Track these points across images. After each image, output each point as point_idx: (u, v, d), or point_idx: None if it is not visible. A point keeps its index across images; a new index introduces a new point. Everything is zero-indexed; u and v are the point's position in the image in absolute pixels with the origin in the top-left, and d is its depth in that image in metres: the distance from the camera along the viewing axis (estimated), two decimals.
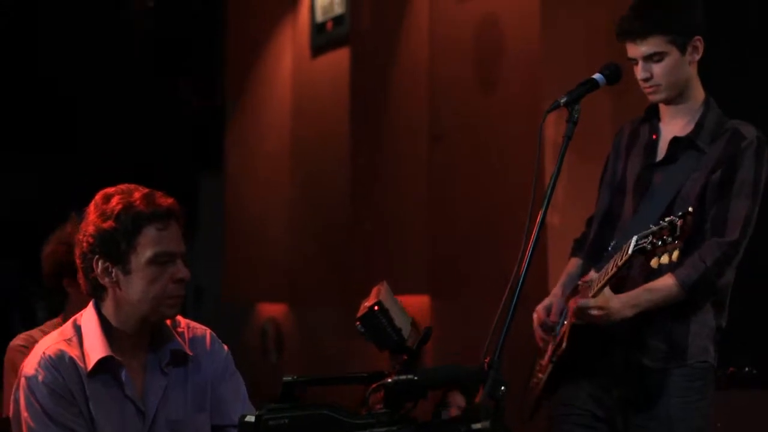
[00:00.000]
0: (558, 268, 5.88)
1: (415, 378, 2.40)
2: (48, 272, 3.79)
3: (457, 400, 6.15)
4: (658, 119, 3.66)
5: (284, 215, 9.48)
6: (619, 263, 3.24)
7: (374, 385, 2.44)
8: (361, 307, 2.45)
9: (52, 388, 2.68)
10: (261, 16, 9.68)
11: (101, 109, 10.34)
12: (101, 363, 2.74)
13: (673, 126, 3.61)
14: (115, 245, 2.74)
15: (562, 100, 3.22)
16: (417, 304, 7.68)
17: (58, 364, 2.72)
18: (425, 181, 7.51)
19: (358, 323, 2.46)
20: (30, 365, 2.74)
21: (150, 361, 2.83)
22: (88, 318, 2.80)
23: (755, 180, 3.46)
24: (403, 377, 2.39)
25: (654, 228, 3.08)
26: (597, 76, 3.31)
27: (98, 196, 2.83)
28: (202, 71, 10.43)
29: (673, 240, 3.02)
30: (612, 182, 3.71)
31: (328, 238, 8.78)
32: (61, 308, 3.84)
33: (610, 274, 3.31)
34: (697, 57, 3.55)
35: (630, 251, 3.15)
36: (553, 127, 6.03)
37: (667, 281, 3.38)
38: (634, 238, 3.16)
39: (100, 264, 2.75)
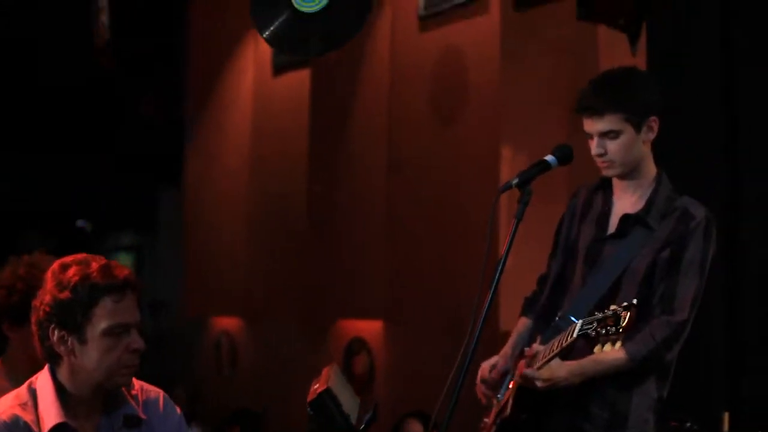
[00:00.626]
0: (509, 306, 5.95)
1: None
2: None
3: (414, 428, 6.19)
4: (612, 191, 3.72)
5: (242, 230, 9.52)
6: (564, 344, 3.31)
7: None
8: (311, 391, 2.52)
9: None
10: (223, 33, 9.68)
11: (63, 121, 10.34)
12: (55, 428, 2.79)
13: (625, 200, 3.67)
14: (71, 315, 2.77)
15: (513, 182, 3.28)
16: (371, 328, 7.76)
17: (12, 428, 2.77)
18: (383, 207, 7.58)
19: (308, 407, 2.53)
20: None
21: (103, 425, 2.89)
22: (43, 383, 2.85)
23: (702, 260, 3.52)
24: None
25: (599, 315, 3.14)
26: (549, 157, 3.40)
27: (56, 265, 2.85)
28: (164, 86, 10.39)
29: (617, 331, 3.10)
30: (565, 246, 3.78)
31: (285, 254, 8.84)
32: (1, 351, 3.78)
33: (555, 352, 3.38)
34: (652, 136, 3.60)
35: (575, 335, 3.22)
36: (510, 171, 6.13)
37: (617, 354, 3.40)
38: (580, 322, 3.22)
39: (56, 333, 2.79)
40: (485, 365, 3.80)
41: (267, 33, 3.28)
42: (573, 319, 3.40)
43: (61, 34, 9.60)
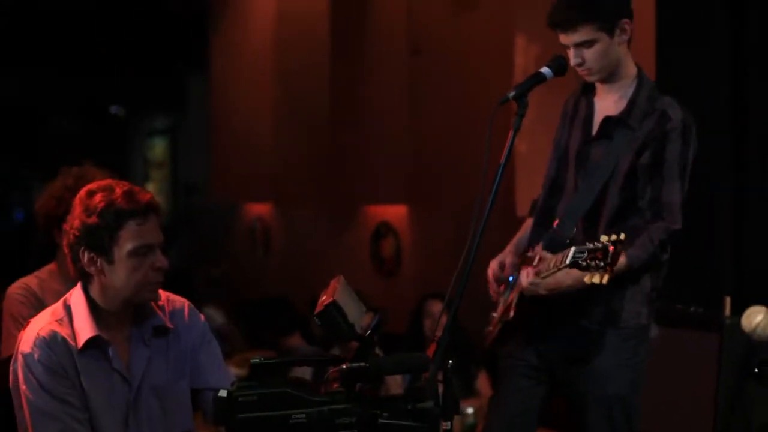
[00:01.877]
0: (525, 192, 6.14)
1: (367, 366, 2.66)
2: (40, 225, 3.91)
3: (434, 308, 6.31)
4: (594, 93, 3.80)
5: (268, 117, 9.69)
6: (559, 266, 3.45)
7: (332, 371, 2.71)
8: (318, 303, 2.70)
9: (47, 365, 2.93)
10: None
11: (92, 17, 10.43)
12: (90, 341, 3.01)
13: (607, 101, 3.75)
14: (99, 239, 2.95)
15: (510, 94, 3.31)
16: (397, 212, 7.97)
17: (51, 343, 2.96)
18: (404, 91, 7.71)
19: (316, 318, 2.71)
20: (26, 343, 2.99)
21: (134, 335, 3.10)
22: (76, 299, 3.05)
23: (682, 162, 3.60)
24: (355, 365, 2.66)
25: (590, 246, 3.20)
26: (544, 69, 3.44)
27: (82, 193, 3.02)
28: None
29: (605, 266, 3.18)
30: (558, 151, 3.88)
31: (311, 143, 9.03)
32: (51, 256, 3.99)
33: (551, 270, 3.50)
34: (626, 38, 3.66)
35: (568, 261, 3.35)
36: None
37: (620, 262, 3.39)
38: (573, 250, 3.29)
39: (86, 254, 2.97)
40: (494, 263, 3.94)
41: None
42: (567, 226, 3.59)
43: None
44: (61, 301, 3.10)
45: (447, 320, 3.00)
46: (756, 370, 4.44)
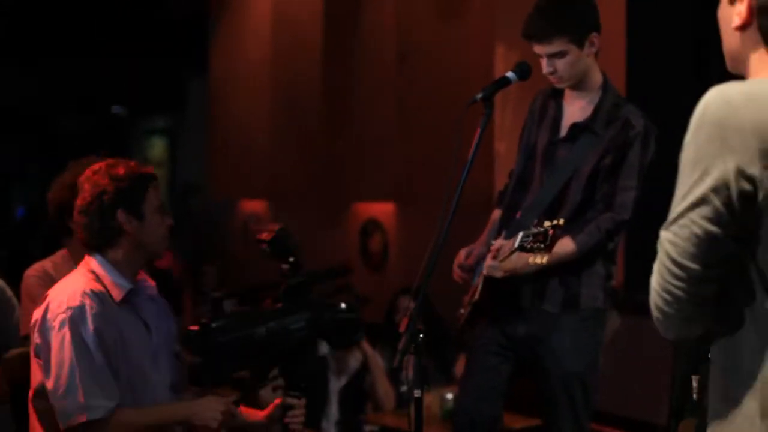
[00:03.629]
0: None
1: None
2: (52, 214, 4.09)
3: (404, 303, 6.71)
4: (563, 97, 4.10)
5: (264, 119, 10.03)
6: (511, 249, 3.72)
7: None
8: (263, 235, 3.15)
9: (100, 313, 3.28)
10: None
11: (101, 18, 10.71)
12: (128, 293, 3.38)
13: (575, 107, 4.06)
14: (135, 198, 3.38)
15: (478, 96, 3.58)
16: (384, 210, 8.31)
17: (100, 295, 3.34)
18: (393, 95, 8.06)
19: (266, 245, 3.19)
20: (72, 299, 3.29)
21: (141, 292, 3.50)
22: (96, 264, 3.41)
23: (640, 165, 3.90)
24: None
25: (534, 230, 3.51)
26: (509, 74, 3.71)
27: (102, 166, 3.43)
28: None
29: (544, 247, 3.49)
30: (526, 148, 4.17)
31: (304, 142, 9.37)
32: (56, 244, 4.23)
33: (506, 254, 3.80)
34: (594, 50, 3.96)
35: (516, 245, 3.67)
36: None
37: (567, 245, 3.86)
38: (521, 234, 3.62)
39: (123, 215, 3.37)
40: (462, 251, 4.24)
41: None
42: (528, 217, 3.89)
43: None
44: (80, 271, 3.44)
45: (416, 301, 3.36)
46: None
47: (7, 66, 11.91)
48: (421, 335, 3.28)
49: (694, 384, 2.97)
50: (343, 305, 3.34)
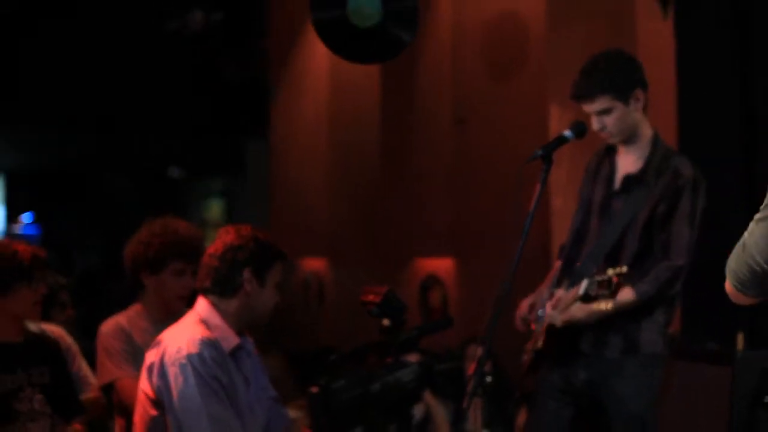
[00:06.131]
0: (560, 243, 6.65)
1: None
2: (128, 267, 4.26)
3: (471, 350, 6.89)
4: (616, 153, 4.32)
5: (323, 180, 10.29)
6: (576, 296, 3.97)
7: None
8: (372, 296, 3.32)
9: (217, 361, 3.43)
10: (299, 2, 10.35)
11: (164, 79, 11.01)
12: (236, 347, 3.54)
13: (627, 161, 4.24)
14: (264, 264, 3.56)
15: (538, 153, 3.84)
16: (443, 265, 8.51)
17: (215, 344, 3.46)
18: (449, 156, 8.25)
19: (375, 307, 3.34)
20: (190, 346, 3.38)
21: (244, 346, 3.64)
22: (208, 314, 3.54)
23: (692, 211, 4.06)
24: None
25: (598, 278, 3.76)
26: (567, 132, 3.96)
27: (248, 227, 3.61)
28: (245, 45, 11.04)
29: (609, 293, 3.74)
30: (583, 203, 4.40)
31: (362, 201, 9.61)
32: (131, 297, 4.36)
33: (570, 301, 4.05)
34: (641, 105, 4.18)
35: (581, 292, 3.89)
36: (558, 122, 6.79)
37: (628, 295, 4.01)
38: (586, 282, 3.85)
39: (248, 272, 3.53)
40: (524, 303, 4.42)
41: (328, 43, 3.92)
42: (589, 266, 4.08)
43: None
44: (192, 320, 3.58)
45: (484, 347, 3.57)
46: (766, 400, 4.88)
47: (70, 132, 12.20)
48: (489, 378, 3.47)
49: None
50: (447, 355, 3.45)
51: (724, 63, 5.81)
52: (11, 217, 16.47)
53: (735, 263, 2.26)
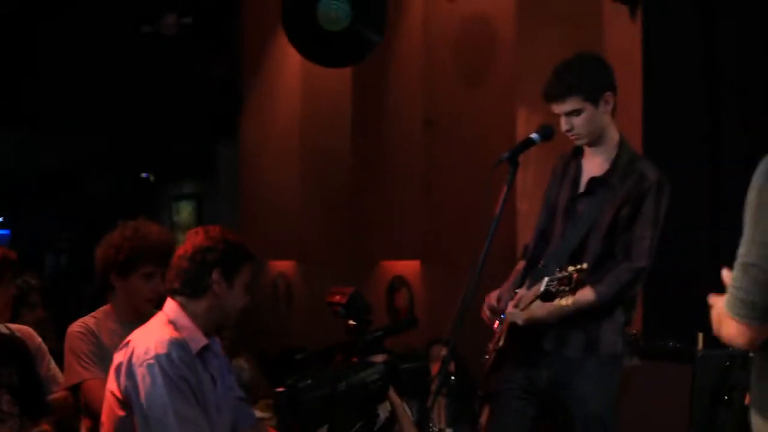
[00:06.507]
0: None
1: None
2: (98, 269, 4.28)
3: (436, 351, 6.92)
4: (582, 156, 4.39)
5: (294, 183, 10.29)
6: (537, 294, 4.00)
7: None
8: (338, 296, 3.37)
9: (185, 361, 3.44)
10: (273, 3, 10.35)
11: (129, 85, 10.97)
12: (203, 348, 3.56)
13: (593, 163, 4.31)
14: (234, 264, 3.60)
15: (505, 156, 3.95)
16: (410, 267, 8.54)
17: (183, 344, 3.48)
18: (419, 159, 8.29)
19: (341, 308, 3.39)
20: (158, 346, 3.40)
21: (211, 347, 3.67)
22: (177, 315, 3.57)
23: (655, 215, 4.12)
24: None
25: (558, 275, 3.79)
26: (533, 135, 4.07)
27: (218, 228, 3.67)
28: (220, 49, 11.03)
29: (569, 290, 3.77)
30: (548, 205, 4.45)
31: (332, 204, 9.62)
32: (101, 298, 4.40)
33: (531, 299, 4.09)
34: (609, 108, 4.24)
35: (542, 289, 3.93)
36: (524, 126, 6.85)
37: (587, 295, 4.06)
38: (546, 279, 3.89)
39: (217, 274, 3.56)
40: (491, 295, 4.48)
41: (299, 47, 3.95)
42: (551, 267, 4.10)
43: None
44: (160, 321, 3.61)
45: (448, 347, 3.62)
46: (726, 398, 4.79)
47: (42, 133, 12.14)
48: (453, 377, 3.53)
49: None
50: (412, 355, 3.51)
51: (690, 65, 5.87)
52: None
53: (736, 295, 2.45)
